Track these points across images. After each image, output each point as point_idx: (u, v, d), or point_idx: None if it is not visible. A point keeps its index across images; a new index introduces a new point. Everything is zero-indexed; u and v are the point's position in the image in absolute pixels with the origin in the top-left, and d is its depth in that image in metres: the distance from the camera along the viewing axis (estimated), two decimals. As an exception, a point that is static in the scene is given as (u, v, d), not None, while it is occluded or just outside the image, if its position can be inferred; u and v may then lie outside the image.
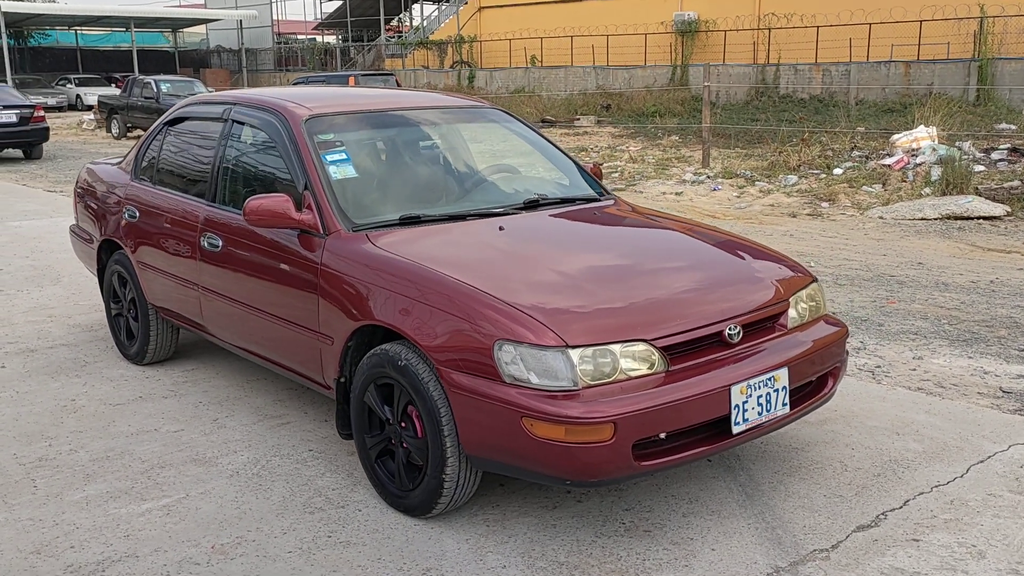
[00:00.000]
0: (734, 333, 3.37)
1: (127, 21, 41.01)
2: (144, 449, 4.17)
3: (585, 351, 3.07)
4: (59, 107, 36.07)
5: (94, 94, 33.30)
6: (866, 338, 5.90)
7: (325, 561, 3.21)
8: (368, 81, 19.74)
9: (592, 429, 2.98)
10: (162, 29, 49.20)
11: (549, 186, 4.57)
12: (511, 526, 3.44)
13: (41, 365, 5.38)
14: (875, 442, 4.12)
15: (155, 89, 23.48)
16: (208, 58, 48.69)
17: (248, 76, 43.76)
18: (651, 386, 3.13)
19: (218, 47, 48.89)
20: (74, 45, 47.35)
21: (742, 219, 10.96)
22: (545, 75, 32.67)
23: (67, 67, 44.07)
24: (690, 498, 3.63)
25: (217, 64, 47.47)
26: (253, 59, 45.45)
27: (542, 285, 3.36)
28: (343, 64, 39.44)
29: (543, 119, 26.85)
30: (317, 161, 3.96)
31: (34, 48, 46.29)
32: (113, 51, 47.39)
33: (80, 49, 47.15)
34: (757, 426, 3.35)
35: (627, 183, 14.08)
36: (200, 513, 3.57)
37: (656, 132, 22.26)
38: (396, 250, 3.59)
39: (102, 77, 39.94)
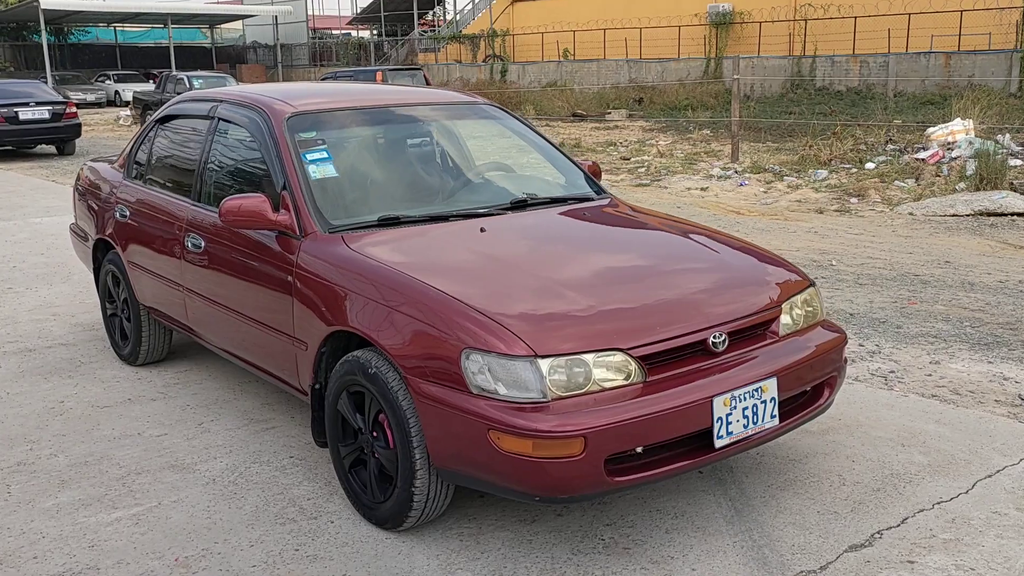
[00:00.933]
0: (719, 341, 3.20)
1: (165, 17, 41.39)
2: (124, 454, 4.09)
3: (556, 361, 2.92)
4: (98, 103, 36.49)
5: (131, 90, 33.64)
6: (882, 341, 5.67)
7: (287, 574, 3.10)
8: (395, 76, 19.67)
9: (561, 443, 2.84)
10: (199, 25, 49.59)
11: (541, 185, 4.42)
12: (485, 541, 3.30)
13: (36, 365, 5.34)
14: (878, 454, 3.92)
15: (188, 85, 23.63)
16: (244, 54, 49.01)
17: (283, 71, 43.98)
18: (627, 398, 2.97)
19: (254, 43, 49.19)
20: (113, 42, 47.91)
21: (767, 215, 10.71)
22: (577, 69, 32.43)
23: (106, 63, 44.59)
24: (676, 513, 3.47)
25: (253, 60, 47.77)
26: (288, 54, 45.65)
27: (515, 290, 3.22)
28: (377, 59, 39.45)
29: (574, 113, 26.65)
30: (296, 160, 3.85)
31: (74, 45, 46.90)
32: (151, 47, 47.85)
33: (119, 46, 47.69)
34: (743, 439, 3.18)
35: (652, 178, 13.86)
36: (169, 523, 3.47)
37: (687, 126, 21.97)
38: (369, 253, 3.47)
39: (140, 73, 40.35)
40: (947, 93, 21.72)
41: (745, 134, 19.53)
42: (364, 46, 42.11)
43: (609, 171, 14.94)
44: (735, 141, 15.21)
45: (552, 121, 25.98)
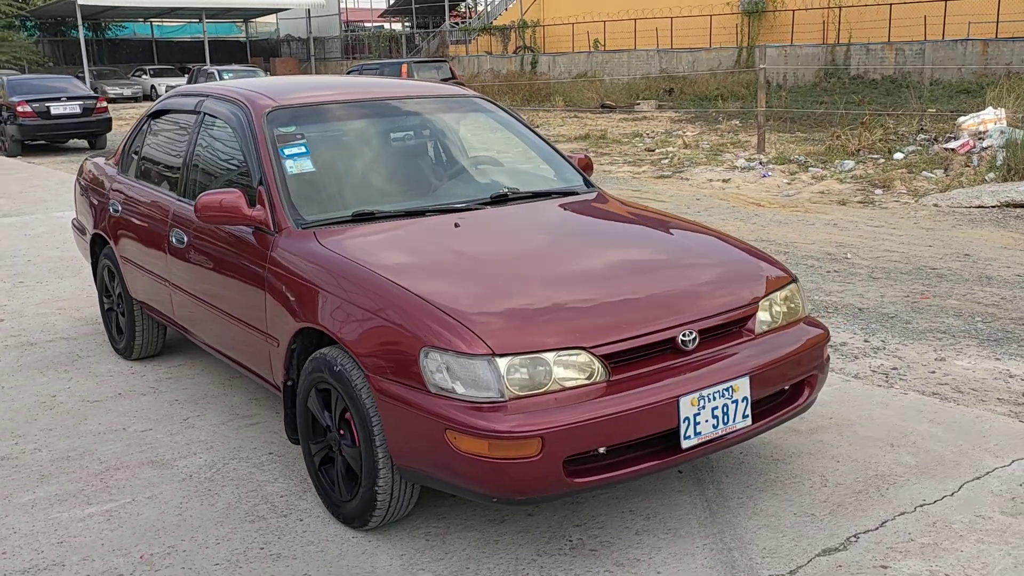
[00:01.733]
0: (689, 340, 3.12)
1: (200, 12, 41.74)
2: (106, 449, 4.10)
3: (515, 360, 2.86)
4: (134, 97, 36.92)
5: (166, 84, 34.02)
6: (889, 337, 5.54)
7: (249, 574, 3.08)
8: (420, 69, 19.65)
9: (517, 444, 2.78)
10: (234, 19, 49.97)
11: (526, 179, 4.36)
12: (451, 541, 3.26)
13: (36, 359, 5.39)
14: (865, 454, 3.82)
15: (218, 79, 23.82)
16: (278, 47, 49.33)
17: (316, 64, 44.21)
18: (589, 398, 2.91)
19: (288, 36, 49.50)
20: (150, 37, 48.46)
21: (787, 207, 10.54)
22: (608, 59, 32.21)
23: (143, 58, 45.12)
24: (648, 514, 3.40)
25: (287, 53, 48.06)
26: (321, 47, 45.88)
27: (479, 287, 3.16)
28: (408, 51, 39.50)
29: (603, 104, 26.48)
30: (273, 155, 3.82)
31: (111, 40, 47.48)
32: (187, 42, 48.28)
33: (155, 40, 48.23)
34: (713, 440, 3.10)
35: (674, 170, 13.72)
36: (140, 519, 3.47)
37: (717, 116, 21.73)
38: (338, 248, 3.43)
39: (175, 68, 40.76)
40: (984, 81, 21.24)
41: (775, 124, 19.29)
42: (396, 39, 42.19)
43: (632, 162, 14.82)
44: (761, 132, 15.00)
45: (580, 112, 25.85)
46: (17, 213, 10.98)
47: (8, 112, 18.45)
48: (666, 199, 11.18)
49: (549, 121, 23.33)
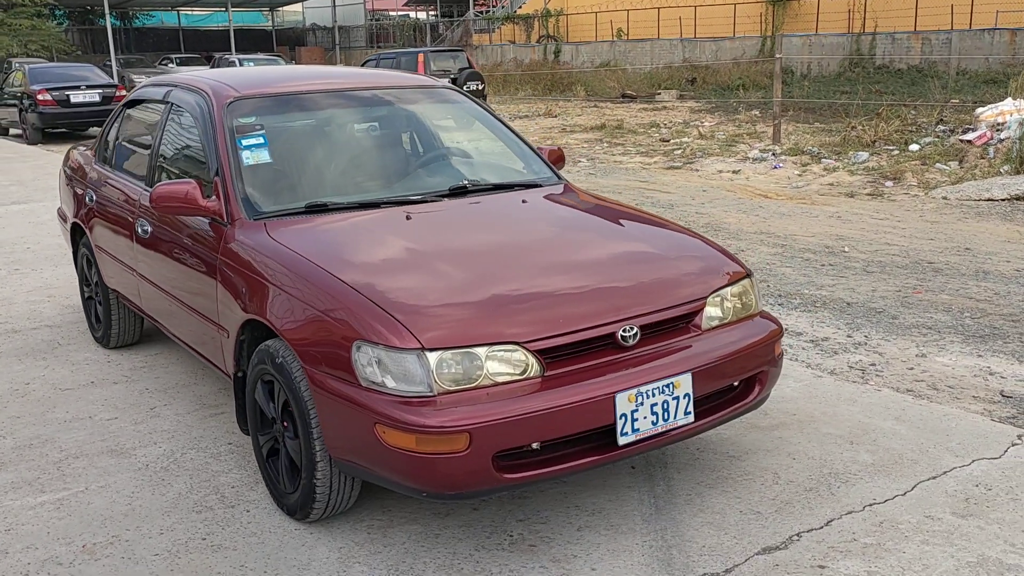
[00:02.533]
0: (629, 335, 3.08)
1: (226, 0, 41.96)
2: (69, 438, 4.13)
3: (445, 354, 2.84)
4: (161, 86, 37.13)
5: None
6: (872, 332, 5.46)
7: (187, 566, 3.09)
8: (437, 58, 19.64)
9: (444, 439, 2.76)
10: (260, 8, 50.20)
11: (491, 171, 4.33)
12: (392, 534, 3.25)
13: (16, 346, 5.44)
14: (822, 452, 3.76)
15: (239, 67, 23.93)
16: (304, 36, 49.51)
17: (341, 53, 44.32)
18: (521, 393, 2.88)
19: (313, 25, 49.67)
20: (176, 25, 48.82)
21: (794, 199, 10.43)
22: (631, 48, 32.02)
23: (169, 47, 45.45)
24: (593, 509, 3.37)
25: (312, 42, 48.22)
26: (346, 36, 45.98)
27: (417, 280, 3.14)
28: (432, 40, 39.48)
29: (623, 94, 26.33)
30: (230, 146, 3.82)
31: (138, 29, 47.89)
32: (214, 31, 48.56)
33: (182, 29, 48.58)
34: (652, 437, 3.06)
35: (685, 161, 13.61)
36: (90, 508, 3.50)
37: (737, 107, 21.52)
38: (285, 240, 3.42)
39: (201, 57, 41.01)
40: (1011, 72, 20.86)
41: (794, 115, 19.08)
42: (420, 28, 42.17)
43: (645, 153, 14.72)
44: (776, 122, 14.83)
45: (601, 102, 25.72)
46: (27, 200, 11.11)
47: (29, 100, 18.67)
48: (672, 191, 11.09)
49: (568, 111, 23.24)
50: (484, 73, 32.63)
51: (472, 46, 37.48)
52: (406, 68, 19.48)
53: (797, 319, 5.78)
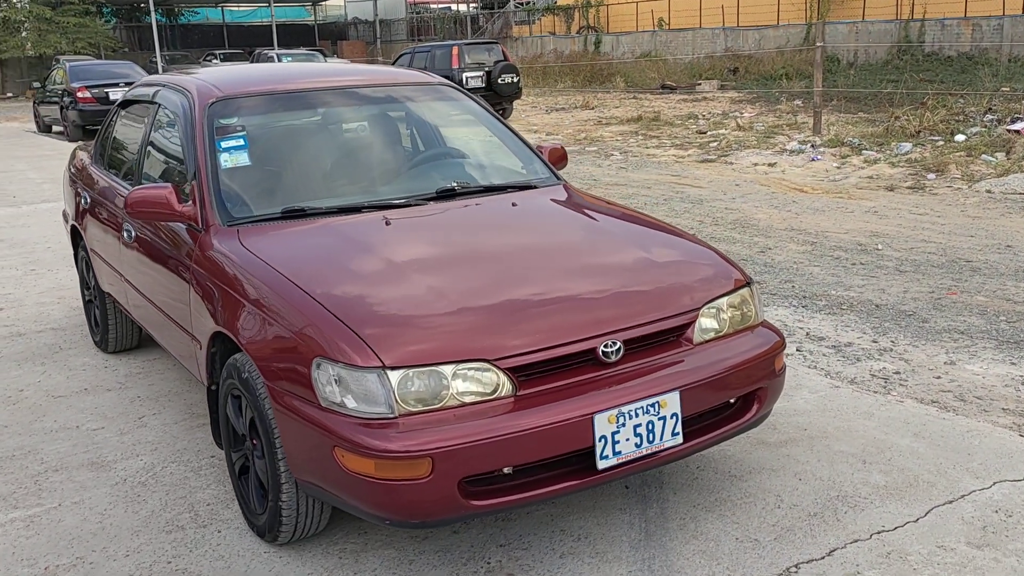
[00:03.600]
0: (611, 351, 2.87)
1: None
2: (52, 449, 4.03)
3: (408, 372, 2.66)
4: (204, 82, 37.45)
5: (232, 68, 34.38)
6: (900, 337, 5.17)
7: (147, 592, 2.95)
8: (471, 51, 19.44)
9: (405, 464, 2.58)
10: (303, 3, 50.41)
11: (485, 172, 4.13)
12: (365, 560, 3.07)
13: (18, 351, 5.38)
14: (832, 472, 3.51)
15: (276, 62, 23.97)
16: (346, 30, 49.60)
17: (382, 47, 44.33)
18: (492, 414, 2.69)
19: (355, 19, 49.74)
20: (221, 21, 49.18)
21: (831, 193, 10.07)
22: (672, 38, 31.53)
23: (214, 43, 45.80)
24: (580, 534, 3.16)
25: (354, 36, 48.29)
26: (387, 30, 45.98)
27: (386, 293, 2.95)
28: (473, 32, 39.27)
29: (663, 84, 25.95)
30: (208, 148, 3.67)
31: (184, 25, 48.36)
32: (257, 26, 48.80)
33: (226, 25, 48.93)
34: (636, 460, 2.85)
35: (720, 153, 13.27)
36: (60, 527, 3.37)
37: (779, 97, 21.04)
38: (256, 248, 3.26)
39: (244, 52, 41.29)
40: (1066, 57, 20.13)
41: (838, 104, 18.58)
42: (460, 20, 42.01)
43: (680, 146, 14.41)
44: (817, 113, 14.42)
45: (640, 93, 25.36)
46: (57, 198, 11.13)
47: (69, 97, 18.85)
48: (704, 185, 10.80)
49: (605, 103, 22.94)
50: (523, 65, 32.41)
51: (512, 38, 37.23)
52: (440, 61, 19.30)
53: (820, 323, 5.50)
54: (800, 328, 5.42)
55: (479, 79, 18.82)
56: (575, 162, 13.13)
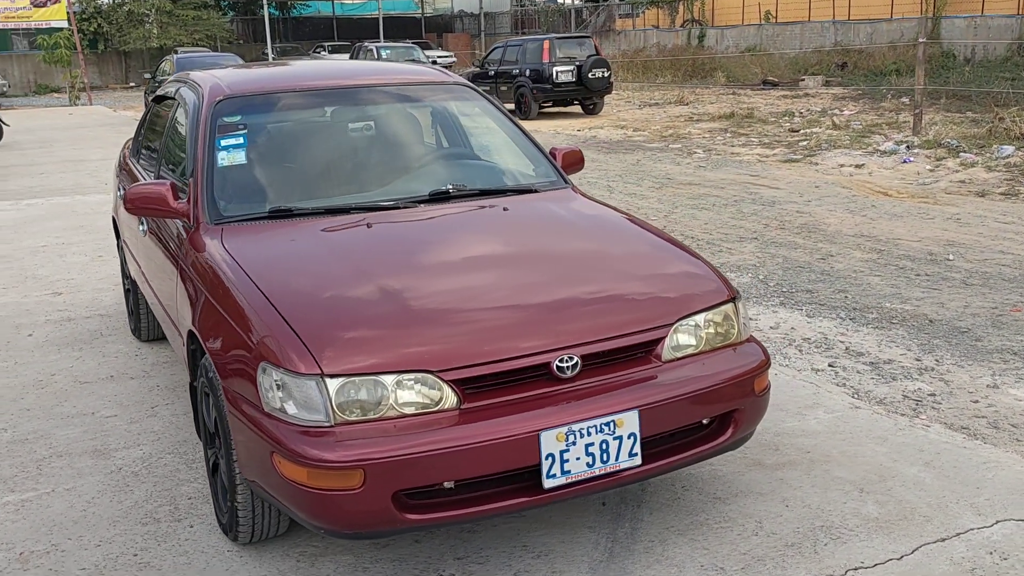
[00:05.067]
0: (567, 366, 2.77)
1: (378, -11, 42.85)
2: (63, 434, 4.15)
3: (348, 381, 2.62)
4: (313, 74, 38.39)
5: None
6: (946, 355, 4.87)
7: (105, 583, 3.00)
8: (563, 45, 19.30)
9: (336, 475, 2.54)
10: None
11: (487, 174, 4.07)
12: (321, 564, 3.06)
13: (63, 335, 5.58)
14: (823, 500, 3.32)
15: (375, 54, 24.36)
16: (452, 23, 50.06)
17: (486, 39, 44.53)
18: (432, 427, 2.62)
19: (461, 12, 50.14)
20: (331, 14, 50.27)
21: (915, 197, 9.61)
22: (779, 32, 30.67)
23: (324, 36, 46.88)
24: (541, 551, 3.07)
25: (459, 29, 48.68)
26: (492, 23, 46.17)
27: (342, 298, 2.92)
28: (576, 25, 39.04)
29: (764, 80, 25.28)
30: (208, 146, 3.71)
31: (296, 18, 49.63)
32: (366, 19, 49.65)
33: (336, 18, 49.98)
34: (588, 481, 2.74)
35: (807, 153, 12.81)
36: (47, 512, 3.47)
37: (885, 94, 20.20)
38: (233, 247, 3.27)
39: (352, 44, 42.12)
40: None
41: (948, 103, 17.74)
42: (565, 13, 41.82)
43: (767, 144, 13.98)
44: (917, 112, 13.80)
45: (740, 89, 24.76)
46: (144, 187, 11.55)
47: (174, 88, 19.54)
48: (781, 186, 10.44)
49: (702, 98, 22.48)
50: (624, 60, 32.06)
51: (614, 31, 36.87)
52: (531, 55, 19.24)
53: (864, 337, 5.23)
54: (840, 342, 5.17)
55: (569, 73, 18.68)
56: (652, 160, 12.91)
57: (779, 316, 5.70)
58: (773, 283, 6.42)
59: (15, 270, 7.32)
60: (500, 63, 20.18)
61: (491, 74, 20.25)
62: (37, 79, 37.10)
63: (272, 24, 39.42)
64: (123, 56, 39.77)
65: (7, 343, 5.47)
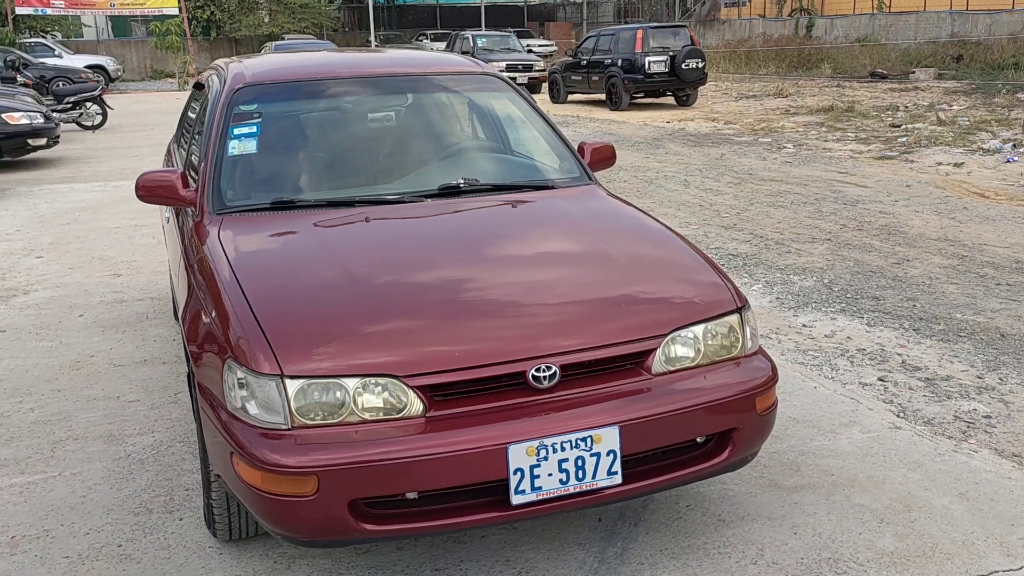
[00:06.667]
0: (544, 376, 2.60)
1: (481, -22, 42.93)
2: (84, 417, 4.20)
3: (308, 383, 2.51)
4: (414, 62, 38.79)
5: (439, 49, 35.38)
6: (1011, 374, 4.51)
7: (84, 574, 2.98)
8: (657, 35, 18.87)
9: (290, 480, 2.45)
10: (515, -16, 50.98)
11: (503, 168, 3.93)
12: (298, 567, 2.98)
13: (110, 317, 5.68)
14: (837, 528, 3.06)
15: (471, 43, 24.35)
16: (554, 12, 49.76)
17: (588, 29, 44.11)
18: (394, 434, 2.50)
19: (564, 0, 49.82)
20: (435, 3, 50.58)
21: (1014, 200, 9.01)
22: (892, 22, 29.44)
23: (427, 24, 47.22)
24: (523, 567, 2.92)
25: (561, 17, 48.38)
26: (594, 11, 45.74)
27: (317, 297, 2.81)
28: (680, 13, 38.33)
29: (872, 72, 24.31)
30: (220, 134, 3.67)
31: (400, 6, 50.11)
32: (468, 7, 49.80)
33: (439, 6, 50.24)
34: (561, 499, 2.58)
35: (903, 150, 12.18)
36: (48, 497, 3.49)
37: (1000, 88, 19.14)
38: (226, 238, 3.20)
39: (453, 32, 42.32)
40: None
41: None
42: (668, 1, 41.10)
43: (864, 140, 13.37)
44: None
45: (846, 80, 23.86)
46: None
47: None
48: (869, 185, 9.93)
49: (803, 90, 21.72)
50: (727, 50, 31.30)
51: (719, 20, 36.04)
52: (623, 45, 18.88)
53: (925, 350, 4.88)
54: (898, 354, 4.83)
55: (662, 64, 18.27)
56: (738, 154, 12.49)
57: (837, 324, 5.37)
58: (838, 288, 6.08)
59: (85, 250, 7.53)
60: (592, 52, 19.87)
61: (583, 64, 19.97)
62: (153, 64, 38.45)
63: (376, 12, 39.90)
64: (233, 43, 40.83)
65: (58, 323, 5.60)
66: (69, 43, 34.42)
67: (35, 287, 6.43)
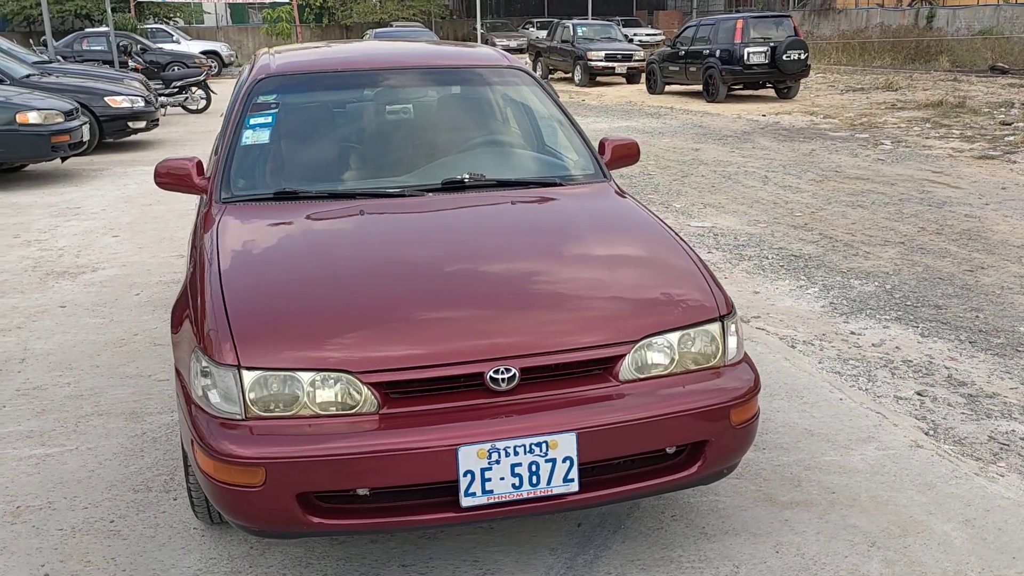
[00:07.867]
0: (502, 378, 2.56)
1: (591, -36, 42.52)
2: (114, 394, 4.35)
3: (263, 375, 2.53)
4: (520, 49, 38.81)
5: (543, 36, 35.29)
6: (1055, 392, 4.22)
7: (71, 548, 3.08)
8: (758, 25, 18.34)
9: (239, 470, 2.48)
10: (626, -30, 50.37)
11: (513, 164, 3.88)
12: (271, 555, 3.01)
13: (163, 297, 5.87)
14: (823, 550, 2.92)
15: (572, 32, 24.20)
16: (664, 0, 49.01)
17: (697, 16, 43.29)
18: (345, 430, 2.50)
19: (674, -12, 49.09)
20: (544, -10, 50.54)
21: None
22: (1019, 14, 27.87)
23: (535, 11, 47.15)
24: (492, 569, 2.88)
25: (671, 6, 47.61)
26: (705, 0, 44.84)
27: (287, 291, 2.83)
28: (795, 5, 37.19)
29: (992, 66, 23.10)
30: (236, 124, 3.74)
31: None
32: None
33: (547, -7, 50.21)
34: (513, 504, 2.53)
35: (1007, 150, 11.54)
36: (61, 470, 3.63)
37: None
38: (224, 226, 3.26)
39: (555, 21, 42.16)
40: None
41: None
42: (782, -10, 39.94)
43: (968, 138, 12.72)
44: None
45: (963, 75, 22.72)
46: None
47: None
48: (962, 186, 9.44)
49: (915, 84, 20.80)
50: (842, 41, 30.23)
51: (835, 10, 34.82)
52: (723, 35, 18.42)
53: (976, 365, 4.61)
54: (946, 368, 4.58)
55: (762, 55, 17.75)
56: (829, 150, 12.05)
57: (888, 332, 5.13)
58: (899, 295, 5.80)
59: (158, 231, 7.80)
60: (691, 42, 19.46)
61: (681, 54, 19.59)
62: (267, 50, 39.61)
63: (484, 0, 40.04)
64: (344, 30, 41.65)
65: (114, 301, 5.82)
66: (190, 29, 35.77)
67: (104, 265, 6.70)
